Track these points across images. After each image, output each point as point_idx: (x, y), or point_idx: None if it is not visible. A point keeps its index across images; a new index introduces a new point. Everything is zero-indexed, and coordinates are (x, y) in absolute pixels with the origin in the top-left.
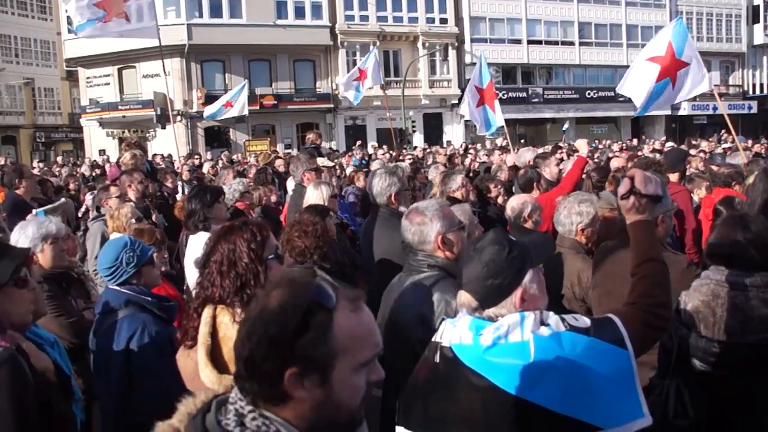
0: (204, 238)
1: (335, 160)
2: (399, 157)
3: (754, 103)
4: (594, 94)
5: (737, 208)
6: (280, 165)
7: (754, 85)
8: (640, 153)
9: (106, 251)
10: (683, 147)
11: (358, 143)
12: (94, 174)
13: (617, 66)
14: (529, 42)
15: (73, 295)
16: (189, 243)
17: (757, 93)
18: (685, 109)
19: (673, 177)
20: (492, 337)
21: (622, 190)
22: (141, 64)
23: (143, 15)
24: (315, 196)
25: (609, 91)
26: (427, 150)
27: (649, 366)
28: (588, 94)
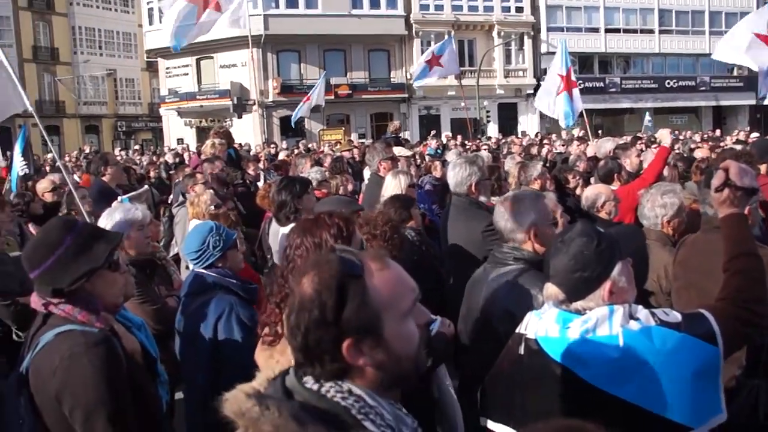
0: None
1: (413, 149)
2: (474, 147)
3: None
4: (674, 83)
5: None
6: (355, 154)
7: None
8: (722, 144)
9: (192, 235)
10: None
11: (432, 133)
12: (176, 162)
13: (699, 54)
14: (607, 30)
15: (156, 282)
16: (280, 235)
17: None
18: None
19: (762, 168)
20: (580, 331)
21: (716, 182)
22: (218, 54)
23: (231, 4)
24: (393, 185)
25: (690, 81)
26: (503, 140)
27: (733, 363)
28: (667, 83)
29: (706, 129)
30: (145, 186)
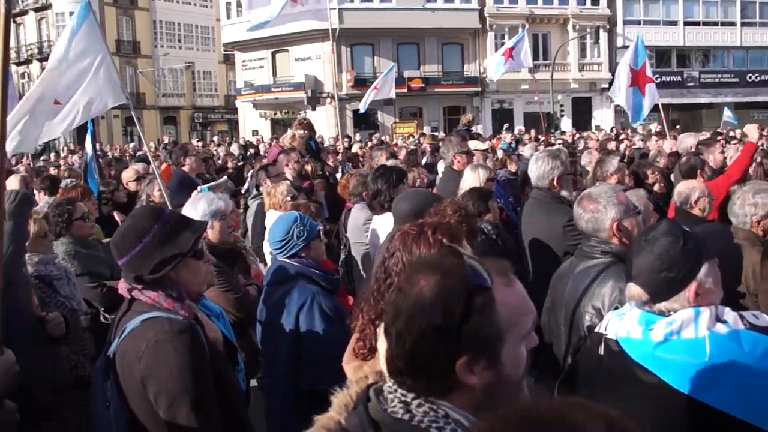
0: (390, 219)
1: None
2: (547, 142)
3: None
4: (756, 77)
5: None
6: (428, 147)
7: None
8: None
9: (277, 225)
10: None
11: (505, 126)
12: (246, 153)
13: None
14: (686, 23)
15: (237, 271)
16: (374, 224)
17: None
18: None
19: None
20: (663, 333)
21: None
22: (293, 47)
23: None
24: (472, 178)
25: None
26: (578, 135)
27: None
28: (749, 77)
29: None
30: (224, 176)
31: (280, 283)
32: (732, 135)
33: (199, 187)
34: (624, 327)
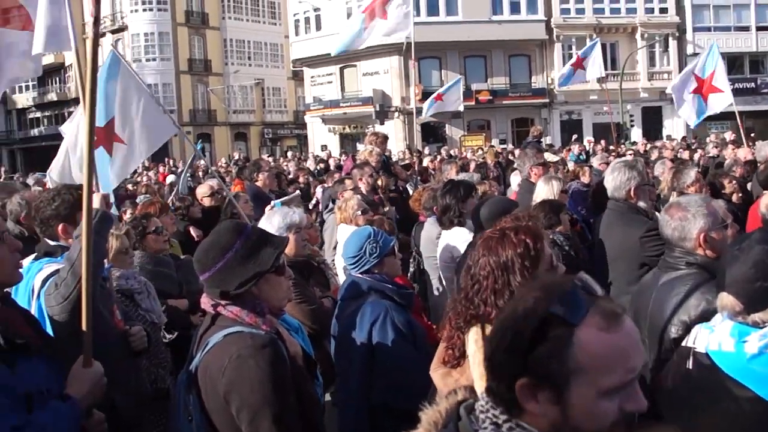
0: (459, 234)
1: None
2: (618, 152)
3: None
4: None
5: None
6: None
7: None
8: None
9: (350, 241)
10: None
11: (574, 137)
12: (318, 168)
13: None
14: (759, 28)
15: (312, 284)
16: (443, 239)
17: None
18: None
19: None
20: (758, 345)
21: None
22: (361, 62)
23: (394, 14)
24: (545, 191)
25: None
26: (649, 145)
27: None
28: None
29: None
30: (297, 191)
31: (353, 298)
32: None
33: (273, 202)
34: (715, 339)
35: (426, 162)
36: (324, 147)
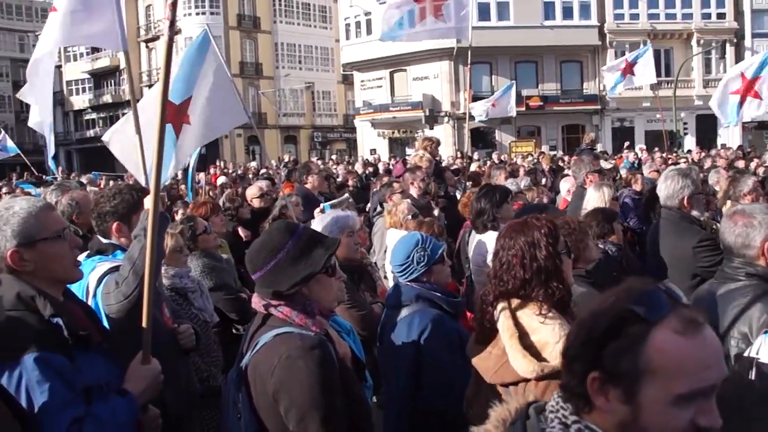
0: (492, 238)
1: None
2: (669, 161)
3: None
4: None
5: None
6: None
7: None
8: None
9: (398, 248)
10: None
11: (625, 145)
12: (367, 172)
13: None
14: None
15: (363, 288)
16: (476, 243)
17: None
18: None
19: None
20: None
21: None
22: (411, 67)
23: (451, 15)
24: (596, 198)
25: None
26: (703, 154)
27: None
28: None
29: None
30: (346, 194)
31: (401, 306)
32: None
33: (322, 205)
34: None
35: (474, 167)
36: (373, 151)
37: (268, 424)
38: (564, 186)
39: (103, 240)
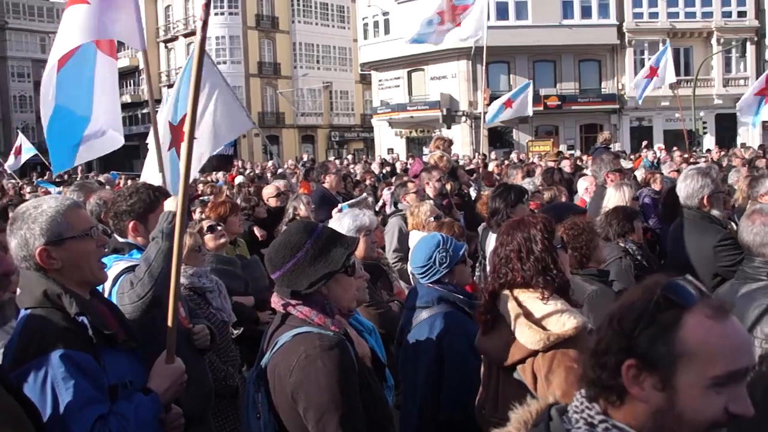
0: None
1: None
2: (690, 160)
3: None
4: None
5: None
6: (566, 166)
7: None
8: None
9: (419, 249)
10: None
11: (644, 144)
12: (384, 171)
13: None
14: None
15: (380, 287)
16: (489, 241)
17: None
18: None
19: None
20: None
21: None
22: (429, 66)
23: (471, 18)
24: (616, 197)
25: None
26: (723, 153)
27: None
28: None
29: None
30: (364, 194)
31: (422, 308)
32: None
33: (340, 205)
34: None
35: (491, 166)
36: (390, 150)
37: (287, 424)
38: (582, 185)
39: (120, 239)
